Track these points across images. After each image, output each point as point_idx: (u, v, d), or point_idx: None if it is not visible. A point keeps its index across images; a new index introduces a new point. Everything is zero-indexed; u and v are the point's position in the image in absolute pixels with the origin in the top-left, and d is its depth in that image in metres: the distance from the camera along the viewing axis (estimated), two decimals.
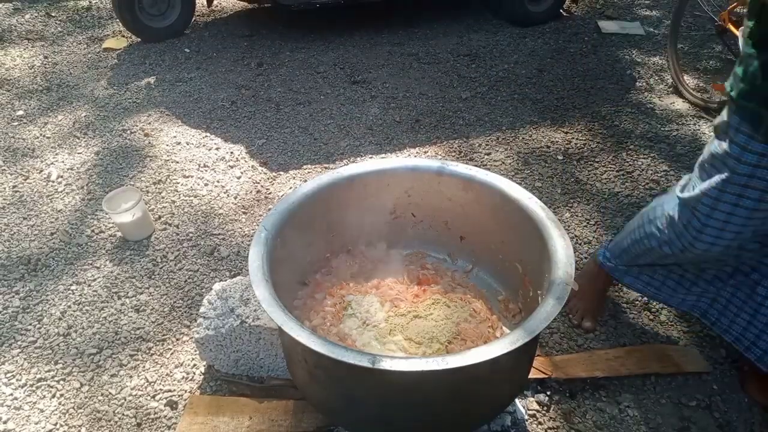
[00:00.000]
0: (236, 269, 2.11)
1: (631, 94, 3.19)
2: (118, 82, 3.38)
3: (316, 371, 1.24)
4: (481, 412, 1.32)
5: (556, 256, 1.29)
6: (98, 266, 2.12)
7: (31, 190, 2.52)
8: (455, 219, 1.66)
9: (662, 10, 4.25)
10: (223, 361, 1.68)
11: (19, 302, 1.98)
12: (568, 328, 1.84)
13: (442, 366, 1.05)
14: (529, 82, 3.33)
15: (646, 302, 1.93)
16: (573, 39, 3.82)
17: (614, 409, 1.61)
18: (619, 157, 2.67)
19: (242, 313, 1.62)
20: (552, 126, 2.92)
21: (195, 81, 3.38)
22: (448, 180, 1.59)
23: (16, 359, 1.79)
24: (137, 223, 2.20)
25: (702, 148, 2.66)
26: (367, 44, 3.78)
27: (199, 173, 2.62)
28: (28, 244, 2.23)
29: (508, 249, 1.57)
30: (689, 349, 1.76)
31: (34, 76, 3.46)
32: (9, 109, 3.12)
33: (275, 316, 1.16)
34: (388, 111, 3.07)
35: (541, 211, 1.41)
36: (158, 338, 1.85)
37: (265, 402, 1.58)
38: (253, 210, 2.40)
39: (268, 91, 3.27)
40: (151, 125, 2.97)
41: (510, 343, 1.09)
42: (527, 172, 2.58)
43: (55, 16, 4.23)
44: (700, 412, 1.60)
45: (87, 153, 2.76)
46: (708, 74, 3.37)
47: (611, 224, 2.27)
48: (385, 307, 1.54)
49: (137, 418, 1.61)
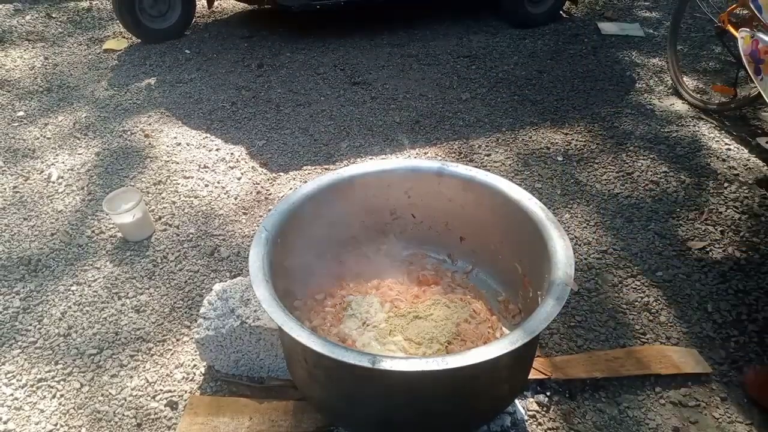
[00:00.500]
0: (236, 270, 2.11)
1: (631, 95, 3.20)
2: (119, 83, 3.39)
3: (316, 371, 1.24)
4: (480, 413, 1.32)
5: (555, 256, 1.29)
6: (98, 267, 2.12)
7: (31, 190, 2.53)
8: (455, 220, 1.66)
9: (662, 11, 4.25)
10: (224, 361, 1.69)
11: (19, 303, 1.98)
12: (567, 328, 1.85)
13: (442, 366, 1.06)
14: (528, 83, 3.33)
15: (645, 303, 1.93)
16: (573, 40, 3.82)
17: (614, 409, 1.61)
18: (619, 158, 2.67)
19: (242, 313, 1.63)
20: (552, 127, 2.93)
21: (195, 82, 3.39)
22: (448, 181, 1.59)
23: (17, 360, 1.79)
24: (137, 224, 2.20)
25: (701, 149, 2.68)
26: (367, 45, 3.79)
27: (199, 174, 2.62)
28: (28, 244, 2.23)
29: (508, 250, 1.57)
30: (689, 350, 1.76)
31: (35, 77, 3.46)
32: (9, 109, 3.13)
33: (275, 316, 1.16)
34: (388, 112, 3.07)
35: (541, 211, 1.41)
36: (158, 339, 1.85)
37: (265, 402, 1.58)
38: (253, 211, 2.40)
39: (269, 92, 3.28)
40: (152, 126, 2.97)
41: (510, 343, 1.09)
42: (527, 173, 2.58)
43: (56, 17, 4.23)
44: (699, 413, 1.60)
45: (87, 154, 2.76)
46: (708, 76, 3.37)
47: (611, 225, 2.27)
48: (385, 307, 1.54)
49: (137, 418, 1.61)
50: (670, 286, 2.00)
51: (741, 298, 1.94)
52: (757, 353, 1.76)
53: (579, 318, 1.89)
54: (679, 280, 2.02)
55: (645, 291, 1.98)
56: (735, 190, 2.42)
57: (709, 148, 2.71)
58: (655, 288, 1.99)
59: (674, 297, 1.95)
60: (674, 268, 2.07)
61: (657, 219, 2.30)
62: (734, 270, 2.05)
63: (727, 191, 2.43)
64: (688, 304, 1.93)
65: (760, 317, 1.86)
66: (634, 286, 2.00)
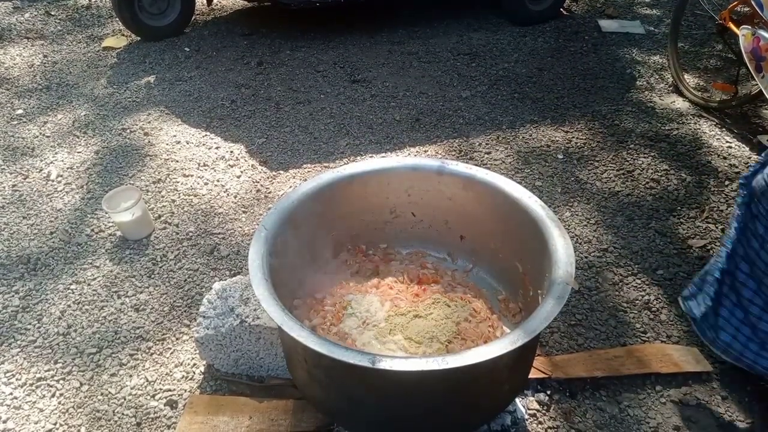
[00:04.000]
0: (236, 268, 2.11)
1: (632, 93, 3.19)
2: (118, 81, 3.38)
3: (316, 371, 1.24)
4: (481, 412, 1.32)
5: (556, 255, 1.28)
6: (98, 265, 2.12)
7: (30, 189, 2.52)
8: (455, 218, 1.66)
9: (662, 8, 4.24)
10: (223, 360, 1.68)
11: (18, 301, 1.98)
12: (568, 327, 1.84)
13: (442, 366, 1.05)
14: (529, 81, 3.32)
15: (646, 301, 1.93)
16: (573, 38, 3.81)
17: (614, 408, 1.61)
18: (620, 156, 2.67)
19: (242, 312, 1.62)
20: (552, 125, 2.92)
21: (195, 80, 3.38)
22: (448, 179, 1.59)
23: (16, 358, 1.78)
24: (137, 222, 2.20)
25: (702, 147, 2.67)
26: (367, 43, 3.78)
27: (198, 172, 2.61)
28: (27, 243, 2.23)
29: (508, 248, 1.57)
30: (690, 349, 1.76)
31: (34, 74, 3.45)
32: (8, 107, 3.12)
33: (275, 315, 1.15)
34: (388, 110, 3.07)
35: (542, 210, 1.41)
36: (158, 337, 1.84)
37: (265, 401, 1.58)
38: (252, 209, 2.39)
39: (268, 90, 3.27)
40: (151, 124, 2.97)
41: (510, 342, 1.09)
42: (527, 171, 2.58)
43: (55, 14, 4.22)
44: (700, 412, 1.60)
45: (87, 152, 2.76)
46: (708, 73, 3.36)
47: (612, 223, 2.27)
48: (385, 306, 1.53)
49: (137, 417, 1.61)
50: (670, 285, 1.99)
51: None
52: None
53: (579, 316, 1.88)
54: (680, 279, 2.01)
55: (646, 289, 1.98)
56: (736, 188, 2.41)
57: (710, 146, 2.70)
58: (656, 286, 1.99)
59: (675, 295, 1.94)
60: (675, 266, 2.06)
61: (658, 217, 2.29)
62: None
63: (728, 189, 2.42)
64: None
65: None
66: (634, 285, 2.00)
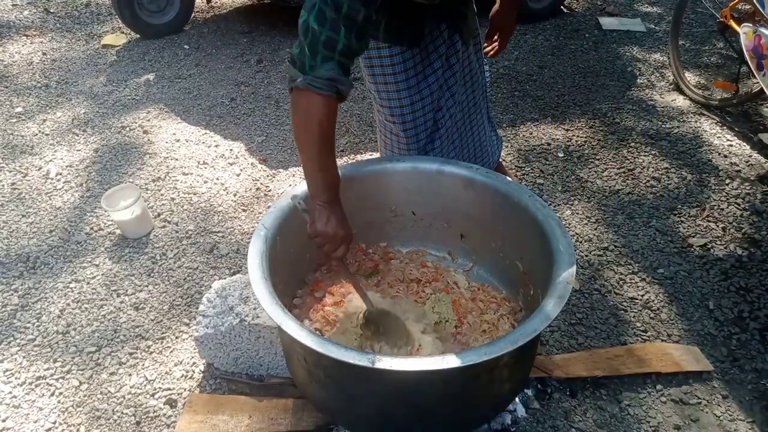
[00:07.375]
0: (236, 267, 2.10)
1: (632, 91, 3.18)
2: (117, 78, 3.37)
3: (316, 370, 1.23)
4: (481, 411, 1.32)
5: (557, 254, 1.28)
6: (97, 264, 2.12)
7: (29, 187, 2.51)
8: (455, 217, 1.65)
9: (663, 6, 4.23)
10: (223, 359, 1.68)
11: (17, 300, 1.97)
12: (568, 326, 1.84)
13: (443, 365, 1.05)
14: (529, 79, 3.31)
15: (647, 300, 1.92)
16: (574, 36, 3.80)
17: (615, 407, 1.60)
18: (620, 154, 2.66)
19: (242, 311, 1.62)
20: (553, 123, 2.91)
21: (194, 78, 3.37)
22: (448, 178, 1.58)
23: (15, 357, 1.78)
24: (136, 221, 2.19)
25: (703, 145, 2.67)
26: None
27: (198, 170, 2.61)
28: (26, 241, 2.22)
29: (509, 247, 1.56)
30: (690, 348, 1.75)
31: (33, 72, 3.44)
32: (7, 105, 3.11)
33: (274, 315, 1.15)
34: None
35: (542, 208, 1.40)
36: (157, 336, 1.84)
37: (265, 400, 1.58)
38: (252, 207, 2.39)
39: (268, 88, 3.26)
40: (150, 122, 2.96)
41: (511, 342, 1.08)
42: (528, 170, 2.57)
43: (54, 12, 4.21)
44: (701, 411, 1.59)
45: (86, 150, 2.75)
46: (709, 71, 3.35)
47: (612, 222, 2.26)
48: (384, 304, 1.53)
49: (136, 416, 1.61)
50: (671, 284, 1.99)
51: (742, 296, 1.93)
52: (759, 351, 1.75)
53: (580, 315, 1.88)
54: (681, 278, 2.01)
55: (646, 288, 1.98)
56: (737, 187, 2.41)
57: (711, 145, 2.70)
58: (657, 285, 1.99)
59: (675, 294, 1.94)
60: (675, 265, 2.06)
61: (658, 216, 2.29)
62: (736, 267, 2.04)
63: (728, 188, 2.41)
64: (690, 301, 1.92)
65: (761, 315, 1.86)
66: (635, 284, 1.99)
